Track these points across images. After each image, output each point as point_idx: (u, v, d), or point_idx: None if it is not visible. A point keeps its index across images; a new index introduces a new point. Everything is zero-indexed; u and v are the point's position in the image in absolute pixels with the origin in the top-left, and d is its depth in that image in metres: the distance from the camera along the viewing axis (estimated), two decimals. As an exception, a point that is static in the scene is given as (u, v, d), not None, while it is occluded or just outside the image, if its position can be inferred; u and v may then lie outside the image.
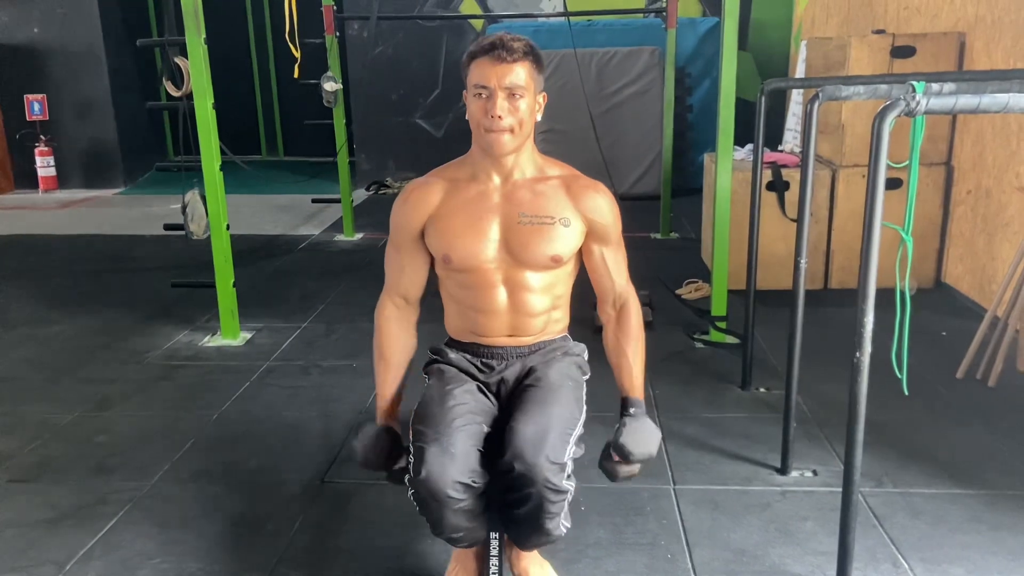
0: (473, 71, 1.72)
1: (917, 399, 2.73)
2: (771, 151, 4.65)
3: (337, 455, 2.70)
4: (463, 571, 1.97)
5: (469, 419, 1.73)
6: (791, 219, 4.12)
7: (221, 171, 3.66)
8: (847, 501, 1.82)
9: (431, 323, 1.97)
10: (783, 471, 2.54)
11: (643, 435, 1.77)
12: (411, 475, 1.68)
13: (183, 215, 3.97)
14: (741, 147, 4.42)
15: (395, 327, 1.89)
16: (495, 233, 1.79)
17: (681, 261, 4.98)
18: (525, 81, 1.70)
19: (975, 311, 3.79)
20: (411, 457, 1.70)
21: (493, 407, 1.84)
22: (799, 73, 5.15)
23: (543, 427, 1.67)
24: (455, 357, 1.90)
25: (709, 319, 3.60)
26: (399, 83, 7.92)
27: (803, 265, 2.43)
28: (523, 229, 1.78)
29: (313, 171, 8.30)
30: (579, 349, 1.97)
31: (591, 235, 1.83)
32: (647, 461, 1.78)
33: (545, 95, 1.80)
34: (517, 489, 1.66)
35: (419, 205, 1.83)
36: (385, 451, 1.80)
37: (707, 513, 2.34)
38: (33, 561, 2.18)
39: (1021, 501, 2.35)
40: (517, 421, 1.69)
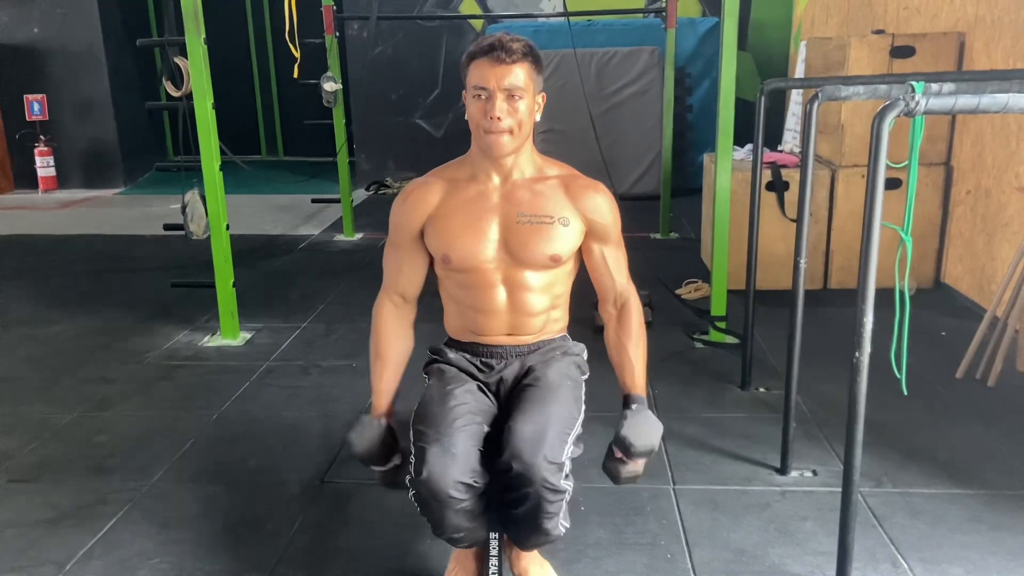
0: (472, 72, 1.72)
1: (916, 399, 2.73)
2: (771, 151, 4.65)
3: (337, 455, 2.70)
4: (462, 571, 1.97)
5: (470, 419, 1.73)
6: (791, 219, 4.12)
7: (221, 171, 3.66)
8: (846, 501, 1.82)
9: (430, 323, 1.97)
10: (783, 471, 2.54)
11: (645, 428, 1.75)
12: (412, 475, 1.67)
13: (183, 215, 3.97)
14: (741, 147, 4.42)
15: (392, 325, 1.89)
16: (494, 233, 1.79)
17: (681, 261, 4.98)
18: (524, 82, 1.71)
19: (974, 311, 3.79)
20: (412, 457, 1.69)
21: (493, 407, 1.84)
22: (799, 73, 5.15)
23: (541, 426, 1.67)
24: (455, 357, 1.90)
25: (709, 319, 3.60)
26: (399, 83, 7.92)
27: (803, 265, 2.43)
28: (522, 228, 1.78)
29: (313, 171, 8.29)
30: (578, 349, 1.97)
31: (591, 234, 1.84)
32: (649, 455, 1.76)
33: (544, 95, 1.80)
34: (515, 489, 1.66)
35: (418, 205, 1.83)
36: (380, 443, 1.79)
37: (707, 513, 2.34)
38: (33, 561, 2.18)
39: (1020, 501, 2.35)
40: (515, 420, 1.70)
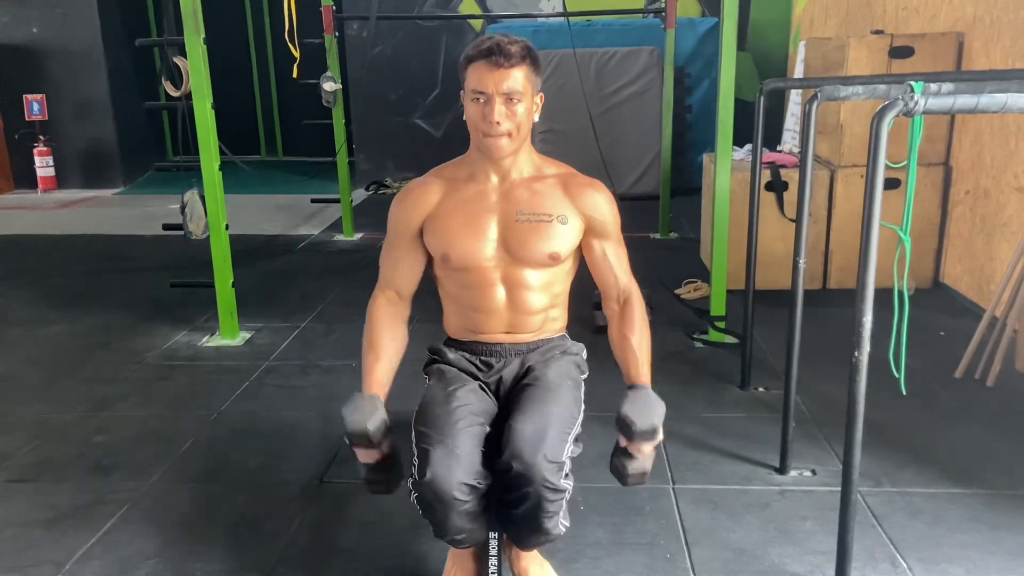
0: (470, 75, 1.72)
1: (916, 399, 2.74)
2: (770, 151, 4.65)
3: (336, 455, 2.69)
4: (460, 571, 1.97)
5: (472, 420, 1.73)
6: (790, 219, 4.12)
7: (220, 171, 3.66)
8: (846, 500, 1.82)
9: (429, 323, 1.97)
10: (782, 471, 2.54)
11: (646, 406, 1.69)
12: (415, 478, 1.66)
13: (182, 215, 3.97)
14: (740, 147, 4.42)
15: (387, 320, 1.86)
16: (493, 232, 1.79)
17: (680, 261, 4.97)
18: (522, 85, 1.70)
19: (973, 311, 3.80)
20: (414, 460, 1.69)
21: (493, 407, 1.84)
22: (798, 73, 5.15)
23: (541, 426, 1.67)
24: (455, 357, 1.90)
25: (708, 319, 3.61)
26: (398, 83, 7.92)
27: (802, 265, 2.43)
28: (521, 227, 1.78)
29: (312, 171, 8.28)
30: (577, 348, 1.97)
31: (590, 231, 1.84)
32: (652, 437, 1.67)
33: (542, 95, 1.80)
34: (515, 488, 1.66)
35: (417, 204, 1.84)
36: (377, 419, 1.67)
37: (706, 513, 2.34)
38: (32, 561, 2.18)
39: (1020, 501, 2.35)
40: (515, 420, 1.69)
